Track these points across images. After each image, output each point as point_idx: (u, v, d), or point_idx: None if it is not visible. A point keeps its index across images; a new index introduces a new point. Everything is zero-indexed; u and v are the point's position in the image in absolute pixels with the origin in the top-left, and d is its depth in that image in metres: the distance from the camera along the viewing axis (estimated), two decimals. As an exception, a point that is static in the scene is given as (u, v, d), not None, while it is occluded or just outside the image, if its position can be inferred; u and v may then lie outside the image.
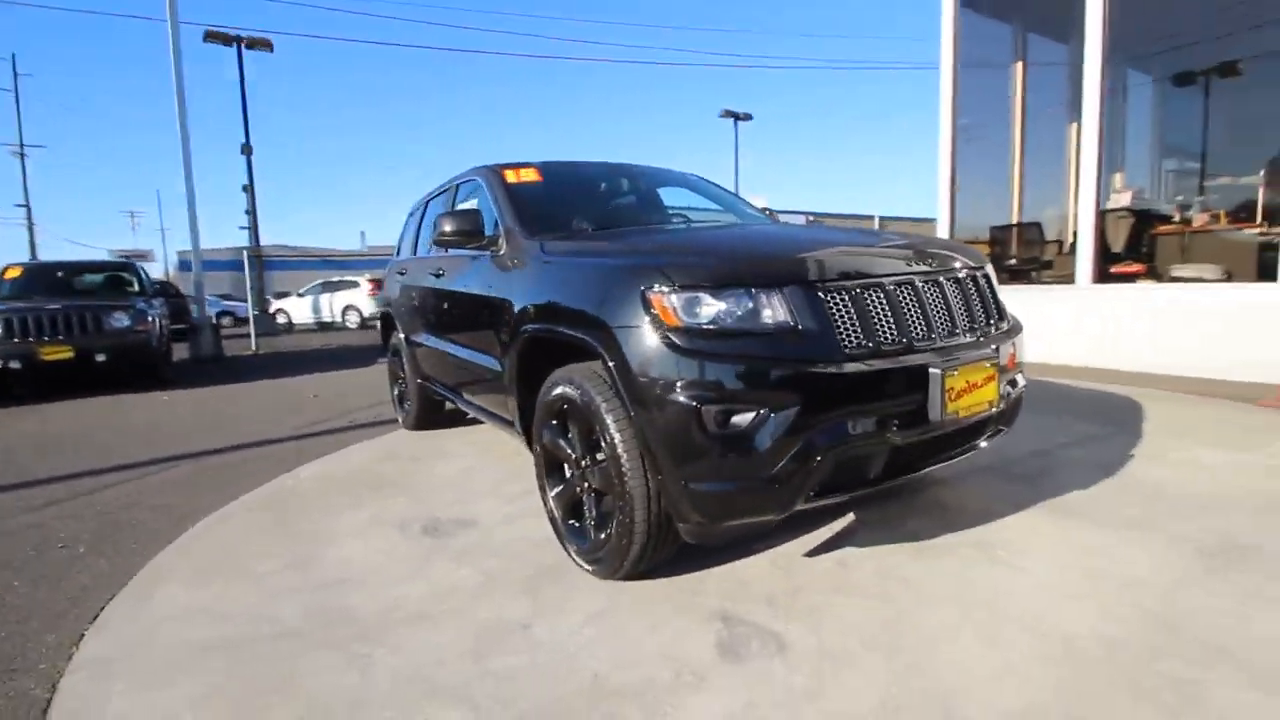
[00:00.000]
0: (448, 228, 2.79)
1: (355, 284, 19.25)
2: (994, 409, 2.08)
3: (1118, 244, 6.41)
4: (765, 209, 3.70)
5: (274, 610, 2.12)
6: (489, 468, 3.55)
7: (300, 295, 20.38)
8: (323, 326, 19.23)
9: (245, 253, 12.90)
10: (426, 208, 4.28)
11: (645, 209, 3.37)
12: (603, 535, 2.11)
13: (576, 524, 2.29)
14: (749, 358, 1.77)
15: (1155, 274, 5.73)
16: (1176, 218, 6.89)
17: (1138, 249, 6.38)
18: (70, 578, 2.47)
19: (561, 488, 2.33)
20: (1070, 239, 7.44)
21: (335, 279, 20.30)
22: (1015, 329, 2.33)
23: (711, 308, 1.81)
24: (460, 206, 3.42)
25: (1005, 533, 2.36)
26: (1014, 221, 7.29)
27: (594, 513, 2.17)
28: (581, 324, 2.06)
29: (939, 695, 1.53)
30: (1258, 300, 4.58)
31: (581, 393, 2.06)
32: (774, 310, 1.80)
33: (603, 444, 2.00)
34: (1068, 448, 3.33)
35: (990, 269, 2.36)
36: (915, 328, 1.94)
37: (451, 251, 3.37)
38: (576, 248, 2.51)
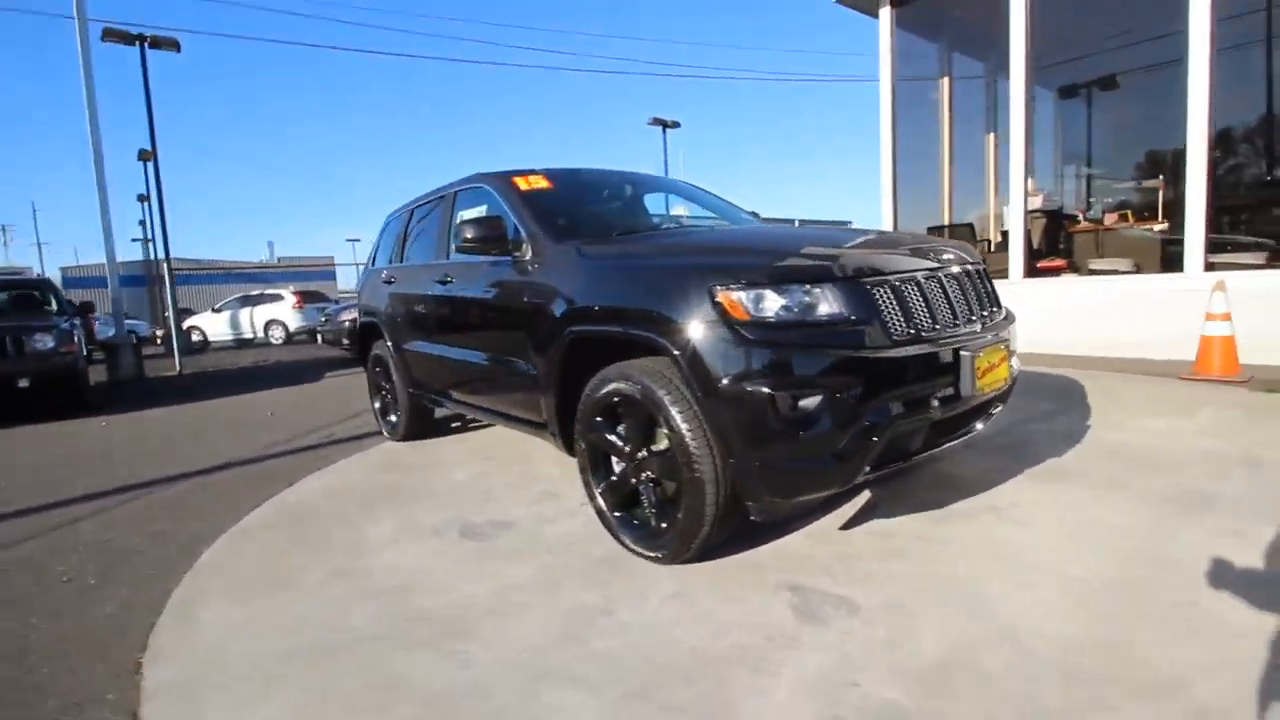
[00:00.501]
0: (470, 234, 2.82)
1: (279, 297, 18.29)
2: (1006, 386, 2.35)
3: (1035, 242, 7.11)
4: (752, 213, 3.92)
5: (341, 618, 2.10)
6: (499, 473, 3.57)
7: (216, 310, 19.15)
8: (243, 343, 18.14)
9: (164, 265, 11.98)
10: (411, 216, 4.25)
11: (652, 214, 3.51)
12: (663, 523, 2.23)
13: (629, 515, 2.39)
14: (813, 346, 1.94)
15: (1075, 268, 6.39)
16: (1081, 218, 7.71)
17: (1055, 246, 7.10)
18: (93, 608, 2.34)
19: (613, 481, 2.42)
20: (994, 238, 8.17)
21: (255, 292, 19.19)
22: (1010, 317, 2.63)
23: (776, 302, 1.97)
24: (466, 214, 3.44)
25: (1008, 497, 2.65)
26: (946, 223, 7.92)
27: (652, 501, 2.29)
28: (643, 322, 2.17)
29: (1001, 631, 1.75)
30: (1166, 288, 5.24)
31: (641, 387, 2.17)
32: (830, 302, 1.99)
33: (667, 434, 2.12)
34: (1033, 422, 3.72)
35: (984, 264, 2.65)
36: (943, 315, 2.18)
37: (457, 258, 3.39)
38: (621, 251, 2.62)
